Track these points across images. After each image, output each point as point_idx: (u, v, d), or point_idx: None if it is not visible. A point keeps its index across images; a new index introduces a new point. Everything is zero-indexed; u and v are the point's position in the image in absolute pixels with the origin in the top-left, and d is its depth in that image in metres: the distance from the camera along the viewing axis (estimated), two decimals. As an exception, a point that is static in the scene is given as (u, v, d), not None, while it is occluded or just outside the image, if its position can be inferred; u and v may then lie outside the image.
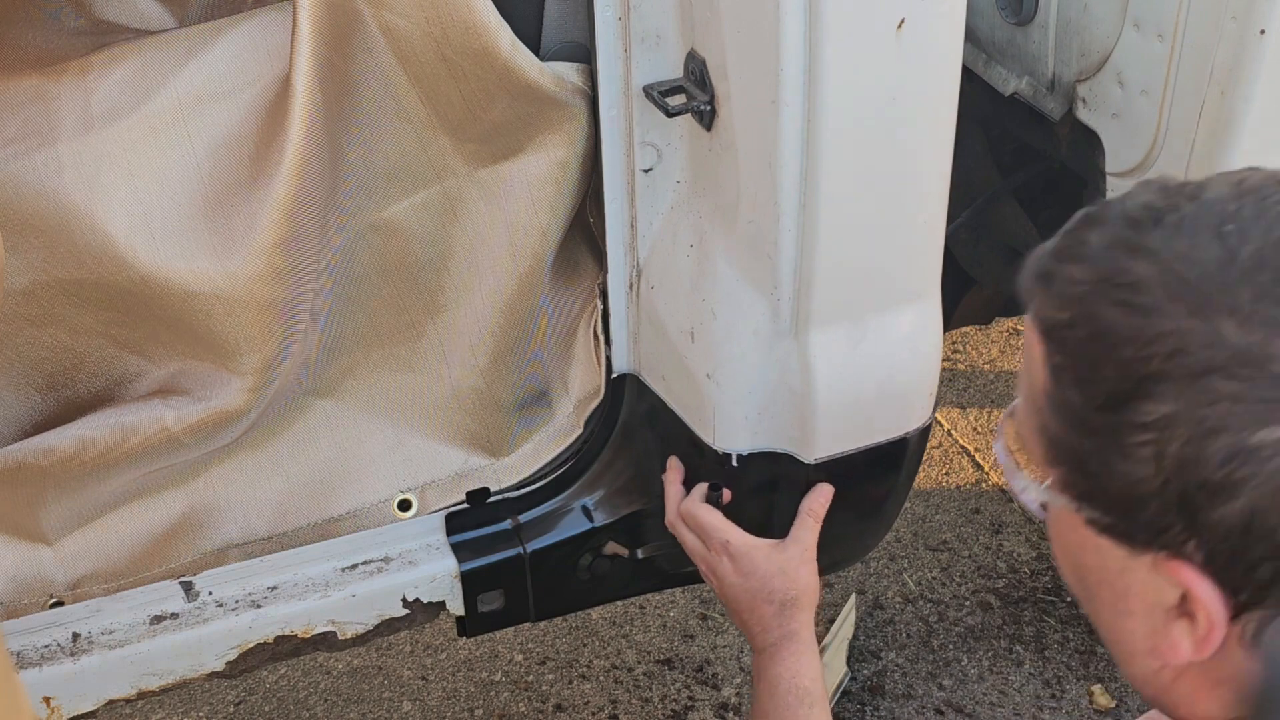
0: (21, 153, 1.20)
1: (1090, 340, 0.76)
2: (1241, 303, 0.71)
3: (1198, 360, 0.71)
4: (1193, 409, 0.71)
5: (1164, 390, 0.72)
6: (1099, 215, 0.79)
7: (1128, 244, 0.76)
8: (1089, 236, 0.79)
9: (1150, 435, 0.73)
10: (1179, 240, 0.74)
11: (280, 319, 1.28)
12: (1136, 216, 0.77)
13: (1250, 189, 0.76)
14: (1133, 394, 0.73)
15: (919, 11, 1.15)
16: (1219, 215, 0.74)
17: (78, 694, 1.43)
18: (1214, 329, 0.71)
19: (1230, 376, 0.70)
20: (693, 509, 1.43)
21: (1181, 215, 0.75)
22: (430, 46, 1.24)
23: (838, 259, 1.27)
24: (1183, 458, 0.72)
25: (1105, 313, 0.75)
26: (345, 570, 1.51)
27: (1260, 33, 1.34)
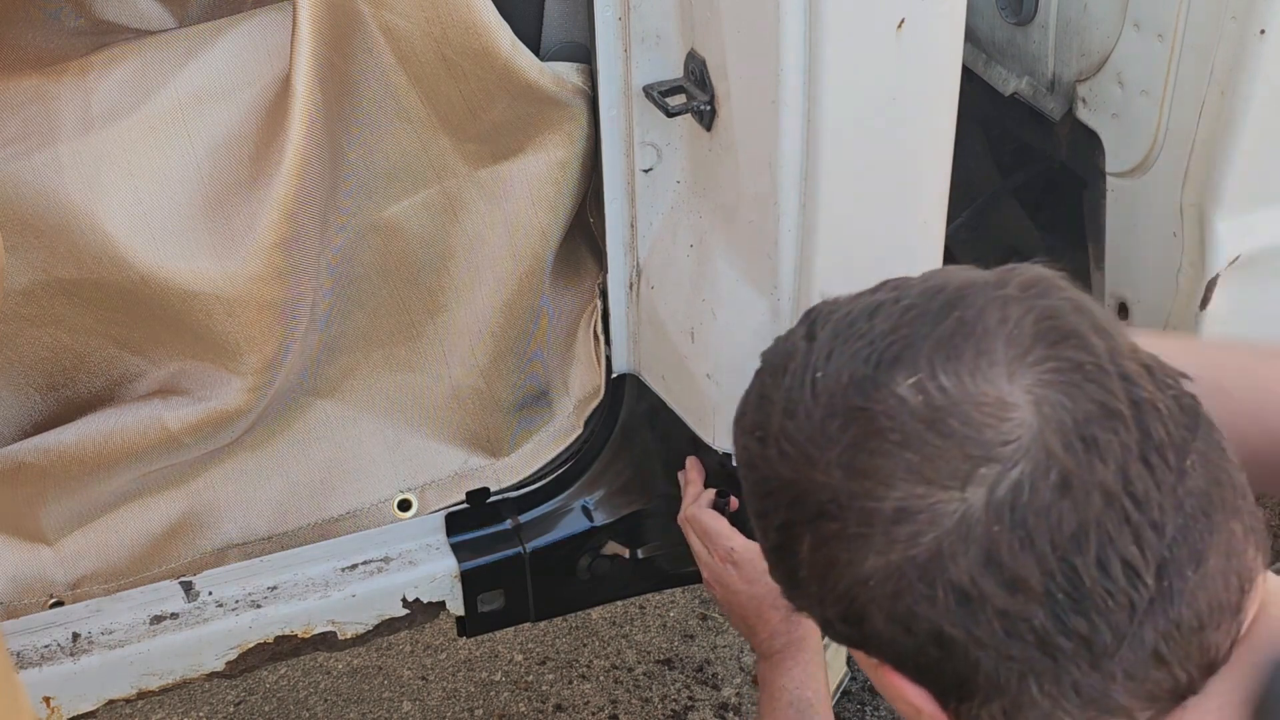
0: (21, 153, 1.20)
1: (748, 483, 0.85)
2: (832, 454, 0.77)
3: (808, 506, 0.78)
4: (814, 550, 0.79)
5: (797, 534, 0.80)
6: (767, 355, 0.87)
7: (762, 392, 0.84)
8: (754, 383, 0.87)
9: (803, 574, 0.81)
10: (789, 393, 0.80)
11: (280, 319, 1.28)
12: (775, 363, 0.84)
13: (846, 323, 0.81)
14: (783, 541, 0.82)
15: (919, 11, 1.15)
16: (814, 362, 0.80)
17: (78, 694, 1.43)
18: (814, 478, 0.77)
19: (831, 518, 0.77)
20: (697, 514, 1.43)
21: (794, 363, 0.81)
22: (430, 46, 1.24)
23: (838, 259, 1.27)
24: (821, 595, 0.80)
25: (752, 460, 0.84)
26: (345, 570, 1.51)
27: (1260, 33, 1.34)
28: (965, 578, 0.73)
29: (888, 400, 0.75)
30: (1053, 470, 0.72)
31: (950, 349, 0.76)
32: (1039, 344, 0.75)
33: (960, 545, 0.73)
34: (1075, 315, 0.78)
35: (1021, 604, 0.73)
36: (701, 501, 1.45)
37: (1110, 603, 0.73)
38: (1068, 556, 0.72)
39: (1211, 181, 1.45)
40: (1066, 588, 0.72)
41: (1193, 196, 1.48)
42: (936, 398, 0.74)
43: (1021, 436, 0.73)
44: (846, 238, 1.26)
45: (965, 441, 0.73)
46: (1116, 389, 0.74)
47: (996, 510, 0.72)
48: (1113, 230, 1.62)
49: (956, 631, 0.75)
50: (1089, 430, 0.73)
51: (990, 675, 0.75)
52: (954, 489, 0.73)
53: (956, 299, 0.78)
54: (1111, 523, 0.72)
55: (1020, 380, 0.74)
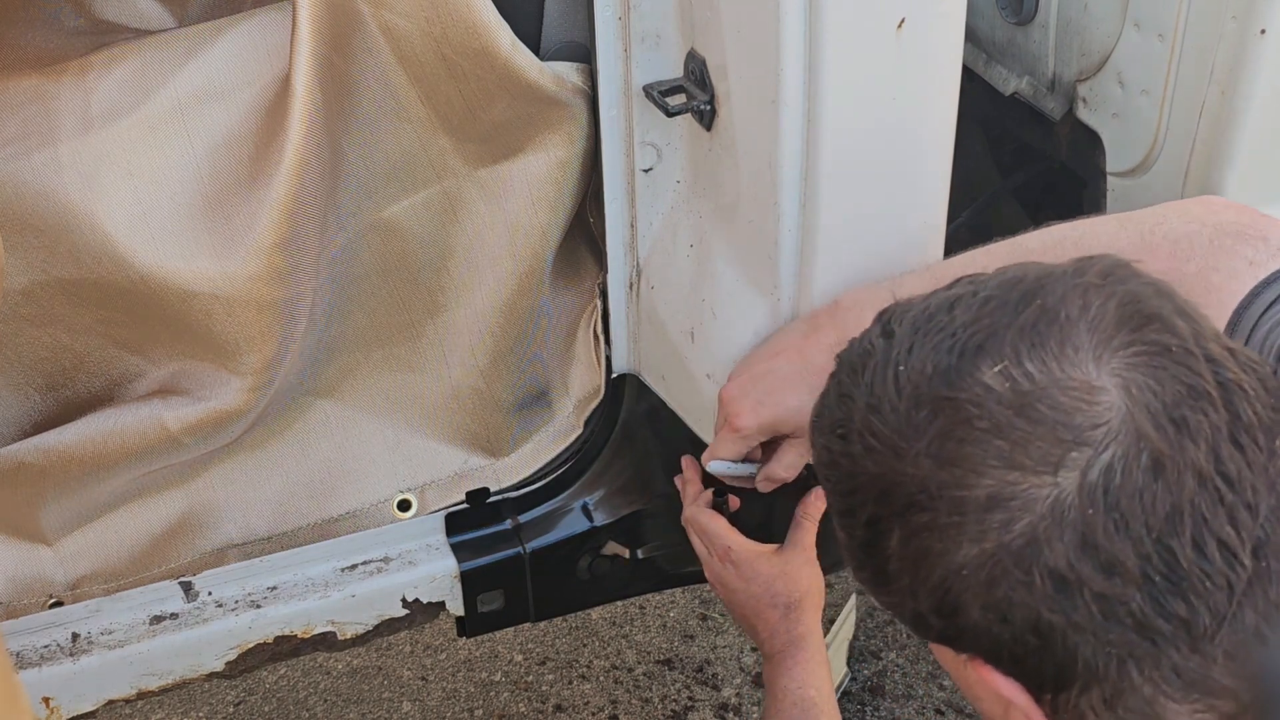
0: (21, 152, 1.20)
1: (830, 483, 0.86)
2: (920, 444, 0.77)
3: (897, 499, 0.78)
4: (905, 543, 0.79)
5: (886, 528, 0.80)
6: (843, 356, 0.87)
7: (840, 391, 0.85)
8: (830, 384, 0.87)
9: (893, 568, 0.81)
10: (871, 388, 0.81)
11: (280, 319, 1.28)
12: (853, 361, 0.85)
13: (925, 317, 0.81)
14: (871, 536, 0.82)
15: (919, 11, 1.15)
16: (895, 357, 0.80)
17: (77, 694, 1.43)
18: (903, 469, 0.77)
19: (922, 509, 0.77)
20: (696, 514, 1.43)
21: (874, 360, 0.82)
22: (430, 46, 1.24)
23: (838, 259, 1.27)
24: (913, 588, 0.80)
25: (834, 459, 0.84)
26: (345, 570, 1.51)
27: (1261, 32, 1.34)
28: (1062, 562, 0.73)
29: (974, 388, 0.76)
30: (1144, 452, 0.73)
31: (1034, 336, 0.76)
32: (1123, 328, 0.76)
33: (1055, 530, 0.73)
34: (1158, 299, 0.78)
35: (1119, 587, 0.73)
36: (700, 501, 1.45)
37: (1208, 584, 0.73)
38: (1163, 538, 0.72)
39: (1212, 181, 1.45)
40: (1163, 570, 0.73)
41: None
42: (1023, 384, 0.75)
43: (1111, 420, 0.73)
44: (846, 238, 1.26)
45: (1055, 426, 0.74)
46: (1203, 371, 0.75)
47: (1090, 494, 0.73)
48: (1113, 230, 1.62)
49: (1054, 617, 0.75)
50: (1178, 412, 0.73)
51: (1089, 662, 0.75)
52: (1046, 474, 0.73)
53: (1036, 288, 0.79)
54: (1205, 504, 0.73)
55: (1106, 365, 0.75)
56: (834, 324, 1.23)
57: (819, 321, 1.25)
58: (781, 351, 1.26)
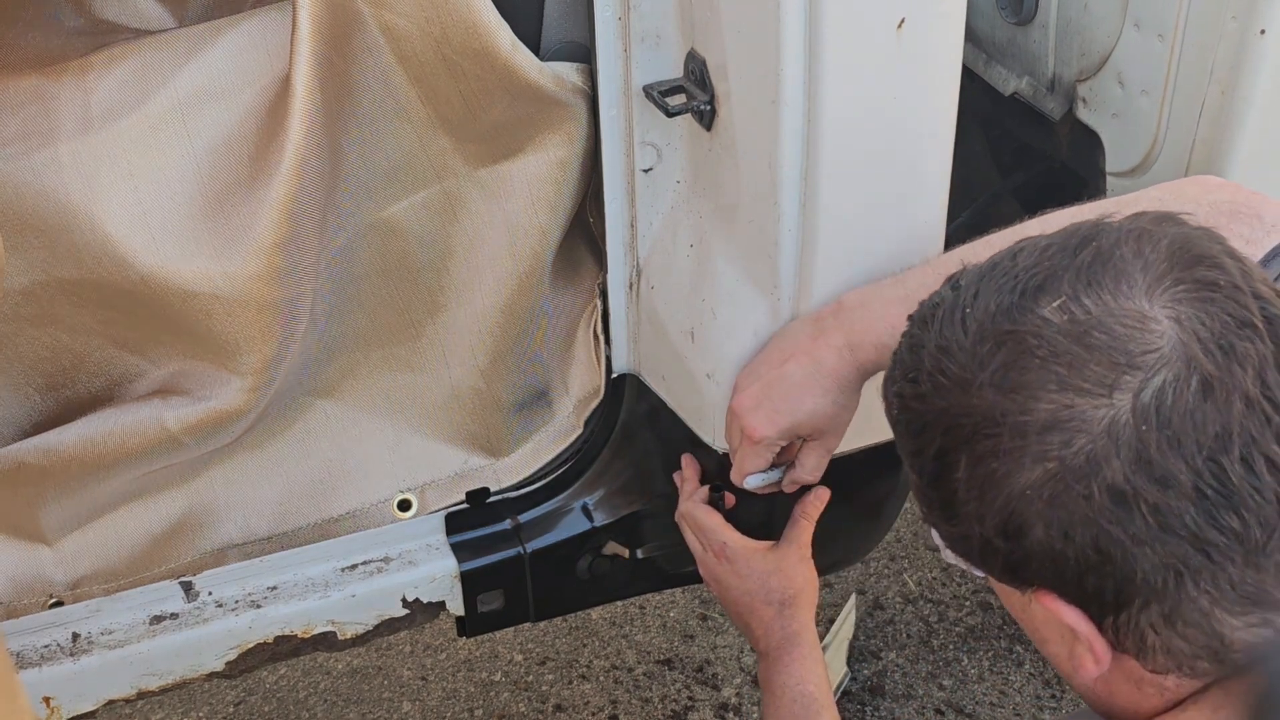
0: (21, 152, 1.20)
1: (901, 427, 0.90)
2: (984, 375, 0.82)
3: (963, 429, 0.83)
4: (971, 469, 0.83)
5: (953, 459, 0.84)
6: (914, 313, 0.92)
7: (911, 343, 0.89)
8: (902, 341, 0.92)
9: (960, 496, 0.84)
10: (940, 331, 0.86)
11: (280, 319, 1.28)
12: (923, 315, 0.90)
13: (989, 266, 0.87)
14: (939, 469, 0.86)
15: (919, 11, 1.15)
16: (962, 302, 0.85)
17: (77, 694, 1.43)
18: (969, 401, 0.82)
19: (986, 435, 0.81)
20: (692, 510, 1.44)
21: (942, 309, 0.87)
22: (430, 46, 1.24)
23: (838, 259, 1.27)
24: (980, 513, 0.83)
25: (905, 403, 0.89)
26: (345, 570, 1.51)
27: (1261, 32, 1.34)
28: (1119, 477, 0.77)
29: (1034, 322, 0.81)
30: (1194, 376, 0.77)
31: (1090, 275, 0.81)
32: (1175, 267, 0.81)
33: (1111, 447, 0.77)
34: (1208, 241, 0.83)
35: (1173, 500, 0.77)
36: (697, 497, 1.45)
37: (1258, 498, 0.76)
38: (1214, 456, 0.76)
39: (1212, 181, 1.45)
40: (1215, 485, 0.76)
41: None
42: (1080, 316, 0.79)
43: (1162, 346, 0.78)
44: (846, 238, 1.26)
45: (1109, 352, 0.78)
46: (1250, 305, 0.79)
47: (1143, 414, 0.77)
48: (1113, 230, 1.61)
49: (1114, 530, 0.78)
50: (1226, 340, 0.78)
51: (1147, 576, 0.79)
52: (1102, 396, 0.78)
53: (1093, 233, 0.84)
54: (1254, 425, 0.76)
55: (1159, 299, 0.79)
56: (840, 325, 1.24)
57: (825, 323, 1.26)
58: (791, 356, 1.27)
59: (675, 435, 1.49)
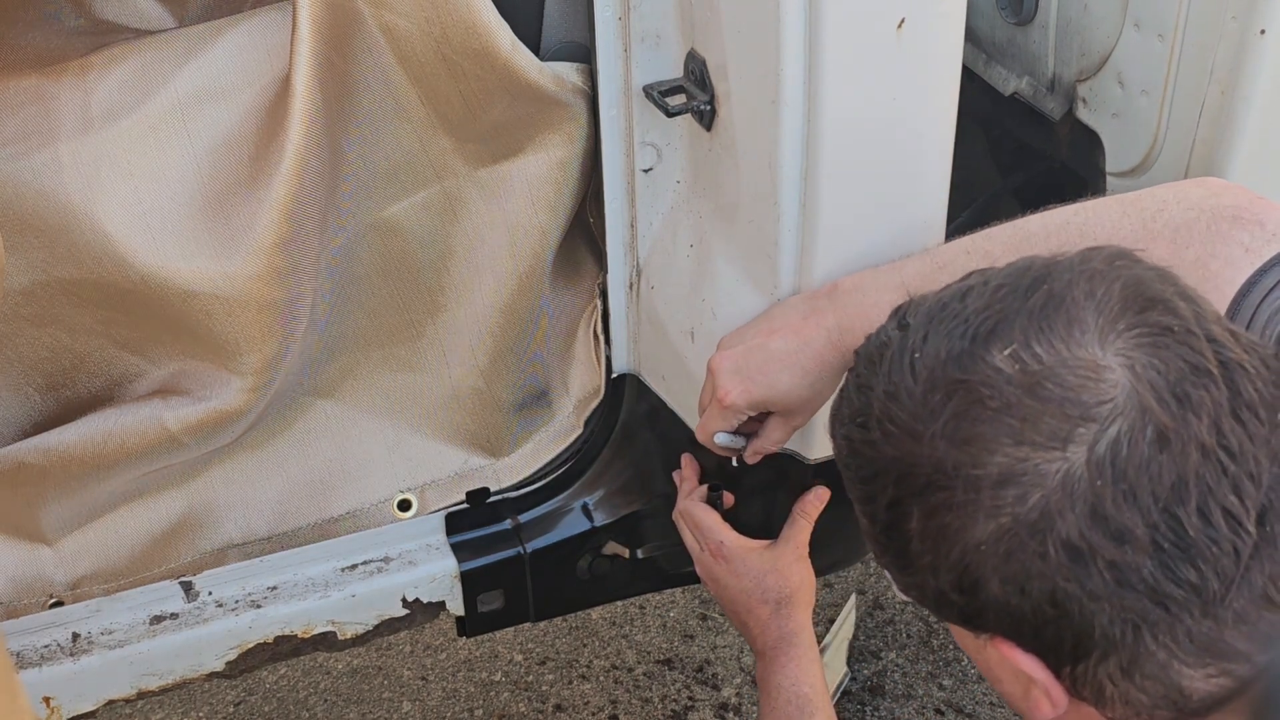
0: (21, 153, 1.20)
1: (851, 472, 0.88)
2: (935, 426, 0.80)
3: (915, 480, 0.81)
4: (925, 522, 0.81)
5: (906, 510, 0.82)
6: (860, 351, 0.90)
7: (859, 383, 0.87)
8: (849, 378, 0.90)
9: (914, 548, 0.83)
10: (889, 376, 0.84)
11: (280, 319, 1.28)
12: (870, 354, 0.88)
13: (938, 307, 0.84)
14: (892, 519, 0.84)
15: (919, 11, 1.15)
16: (911, 346, 0.83)
17: (77, 694, 1.43)
18: (920, 451, 0.80)
19: (940, 488, 0.80)
20: (690, 508, 1.44)
21: (890, 350, 0.85)
22: (430, 46, 1.24)
23: (838, 259, 1.27)
24: (934, 565, 0.82)
25: (855, 448, 0.87)
26: (345, 570, 1.51)
27: (1261, 32, 1.34)
28: (1074, 532, 0.76)
29: (985, 371, 0.79)
30: (1149, 426, 0.75)
31: (1042, 320, 0.79)
32: (1128, 311, 0.79)
33: (1066, 502, 0.76)
34: (1161, 283, 0.81)
35: (1130, 555, 0.75)
36: (695, 496, 1.45)
37: (1215, 550, 0.75)
38: (1170, 508, 0.75)
39: (1212, 181, 1.45)
40: (1171, 538, 0.75)
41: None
42: (1032, 365, 0.78)
43: (1116, 396, 0.76)
44: (846, 238, 1.26)
45: (1063, 403, 0.76)
46: (1205, 350, 0.78)
47: (1098, 466, 0.75)
48: (1113, 230, 1.62)
49: (1070, 586, 0.77)
50: (1181, 388, 0.76)
51: (1105, 630, 0.78)
52: (1055, 449, 0.76)
53: (1044, 275, 0.82)
54: (1210, 474, 0.75)
55: (1112, 345, 0.78)
56: (834, 306, 1.24)
57: (819, 303, 1.25)
58: (779, 330, 1.26)
59: (675, 435, 1.49)
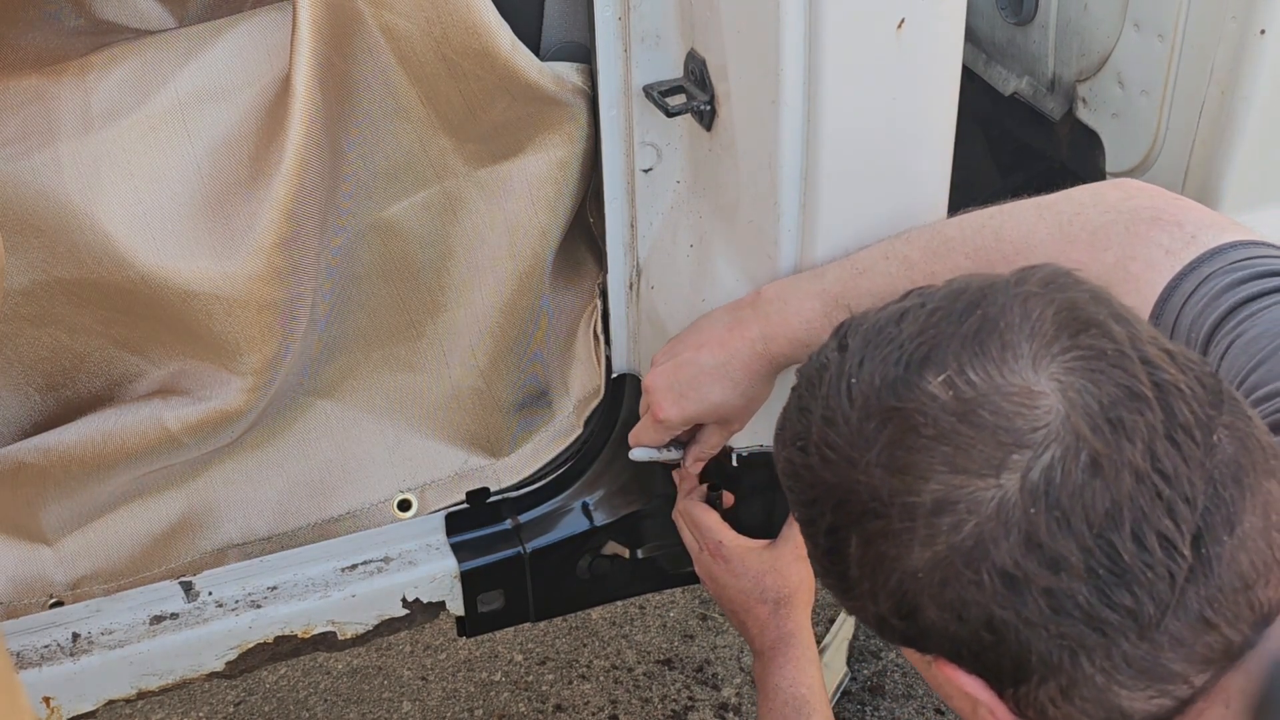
0: (21, 153, 1.20)
1: (793, 495, 0.88)
2: (870, 455, 0.80)
3: (852, 507, 0.81)
4: (863, 549, 0.82)
5: (844, 537, 0.83)
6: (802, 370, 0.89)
7: (800, 404, 0.87)
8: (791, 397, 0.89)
9: (854, 574, 0.83)
10: (826, 401, 0.84)
11: (280, 319, 1.28)
12: (810, 375, 0.87)
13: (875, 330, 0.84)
14: (832, 545, 0.84)
15: (919, 11, 1.15)
16: (848, 370, 0.83)
17: (77, 694, 1.43)
18: (856, 478, 0.81)
19: (876, 516, 0.80)
20: (689, 508, 1.44)
21: (829, 373, 0.85)
22: (430, 46, 1.24)
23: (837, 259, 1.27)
24: (873, 592, 0.82)
25: (795, 470, 0.86)
26: (345, 570, 1.51)
27: (1260, 33, 1.34)
28: (1008, 560, 0.76)
29: (920, 398, 0.78)
30: (1082, 452, 0.75)
31: (976, 345, 0.79)
32: (1062, 334, 0.79)
33: (1000, 530, 0.76)
34: (1095, 305, 0.81)
35: (1065, 582, 0.75)
36: (694, 495, 1.45)
37: (1150, 574, 0.75)
38: (1104, 533, 0.75)
39: (1212, 181, 1.45)
40: (1106, 563, 0.75)
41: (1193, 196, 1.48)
42: (966, 392, 0.77)
43: (1050, 422, 0.76)
44: (846, 238, 1.26)
45: (996, 431, 0.76)
46: (1139, 373, 0.77)
47: (1031, 494, 0.75)
48: (1113, 230, 1.62)
49: (1006, 614, 0.77)
50: (1115, 413, 0.76)
51: (1043, 655, 0.78)
52: (989, 476, 0.76)
53: (979, 298, 0.82)
54: (1144, 499, 0.75)
55: (1045, 370, 0.77)
56: (757, 316, 1.26)
57: (743, 314, 1.27)
58: (705, 344, 1.28)
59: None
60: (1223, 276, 0.99)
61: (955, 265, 1.15)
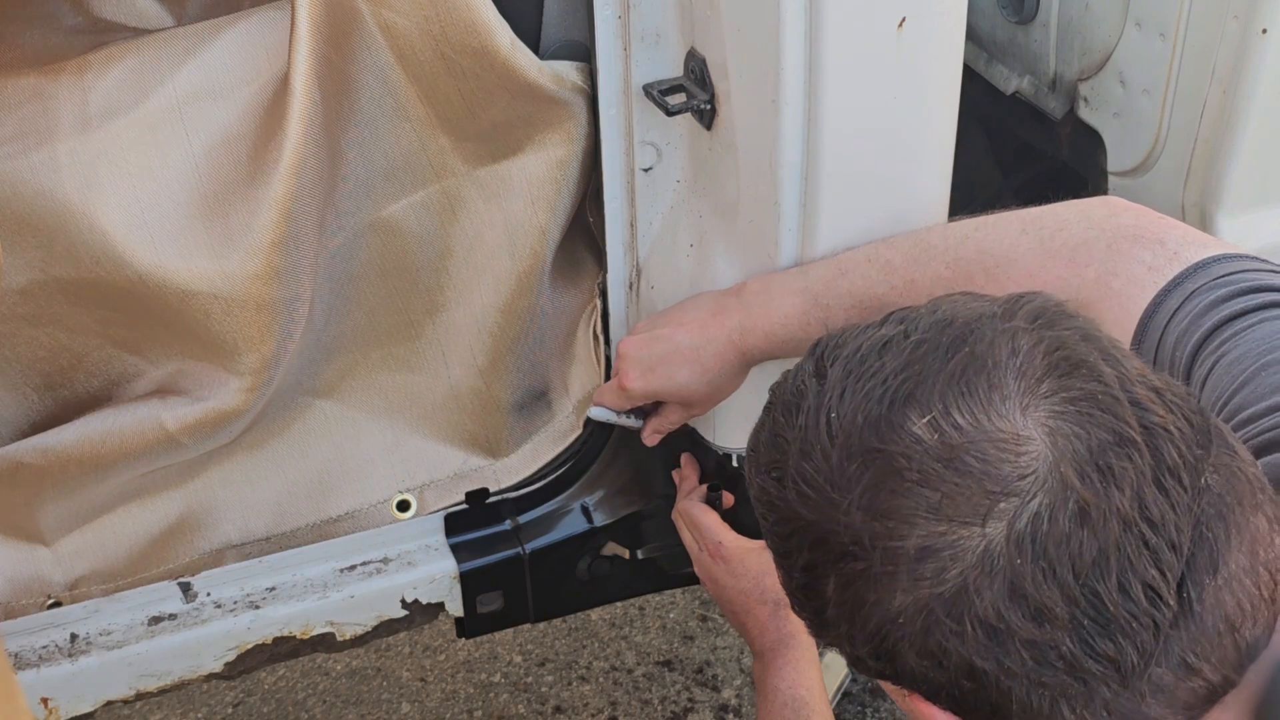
0: (19, 152, 1.20)
1: (767, 523, 0.86)
2: (852, 496, 0.78)
3: (831, 547, 0.79)
4: (841, 591, 0.80)
5: (822, 574, 0.81)
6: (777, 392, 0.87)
7: (775, 430, 0.84)
8: (765, 419, 0.87)
9: (830, 615, 0.82)
10: (804, 434, 0.81)
11: (278, 319, 1.28)
12: (786, 400, 0.84)
13: (857, 360, 0.81)
14: (808, 581, 0.83)
15: (919, 11, 1.15)
16: (827, 402, 0.80)
17: (76, 695, 1.42)
18: (836, 518, 0.78)
19: (856, 558, 0.78)
20: (689, 508, 1.44)
21: (807, 403, 0.82)
22: (429, 45, 1.24)
23: (838, 259, 1.27)
24: (851, 634, 0.81)
25: (770, 500, 0.84)
26: (344, 571, 1.51)
27: (1262, 32, 1.34)
28: (991, 611, 0.74)
29: (904, 440, 0.76)
30: (1070, 500, 0.74)
31: (963, 384, 0.77)
32: (1050, 375, 0.77)
33: (984, 579, 0.74)
34: (1084, 344, 0.79)
35: (1048, 633, 0.74)
36: (694, 496, 1.45)
37: (1135, 624, 0.74)
38: (1090, 583, 0.73)
39: (1214, 180, 1.45)
40: (1091, 613, 0.74)
41: (1195, 196, 1.48)
42: (952, 435, 0.75)
43: (1037, 469, 0.74)
44: (846, 238, 1.26)
45: (983, 477, 0.74)
46: (1128, 416, 0.76)
47: (1017, 543, 0.74)
48: (1114, 230, 1.61)
49: (987, 664, 0.76)
50: (1103, 459, 0.74)
51: (1023, 702, 0.77)
52: (974, 524, 0.74)
53: (965, 332, 0.79)
54: (1130, 547, 0.74)
55: (1033, 413, 0.76)
56: (739, 306, 1.26)
57: (726, 302, 1.28)
58: (684, 324, 1.30)
59: (676, 435, 1.48)
60: (1206, 293, 0.99)
61: (935, 274, 1.15)
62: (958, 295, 0.85)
